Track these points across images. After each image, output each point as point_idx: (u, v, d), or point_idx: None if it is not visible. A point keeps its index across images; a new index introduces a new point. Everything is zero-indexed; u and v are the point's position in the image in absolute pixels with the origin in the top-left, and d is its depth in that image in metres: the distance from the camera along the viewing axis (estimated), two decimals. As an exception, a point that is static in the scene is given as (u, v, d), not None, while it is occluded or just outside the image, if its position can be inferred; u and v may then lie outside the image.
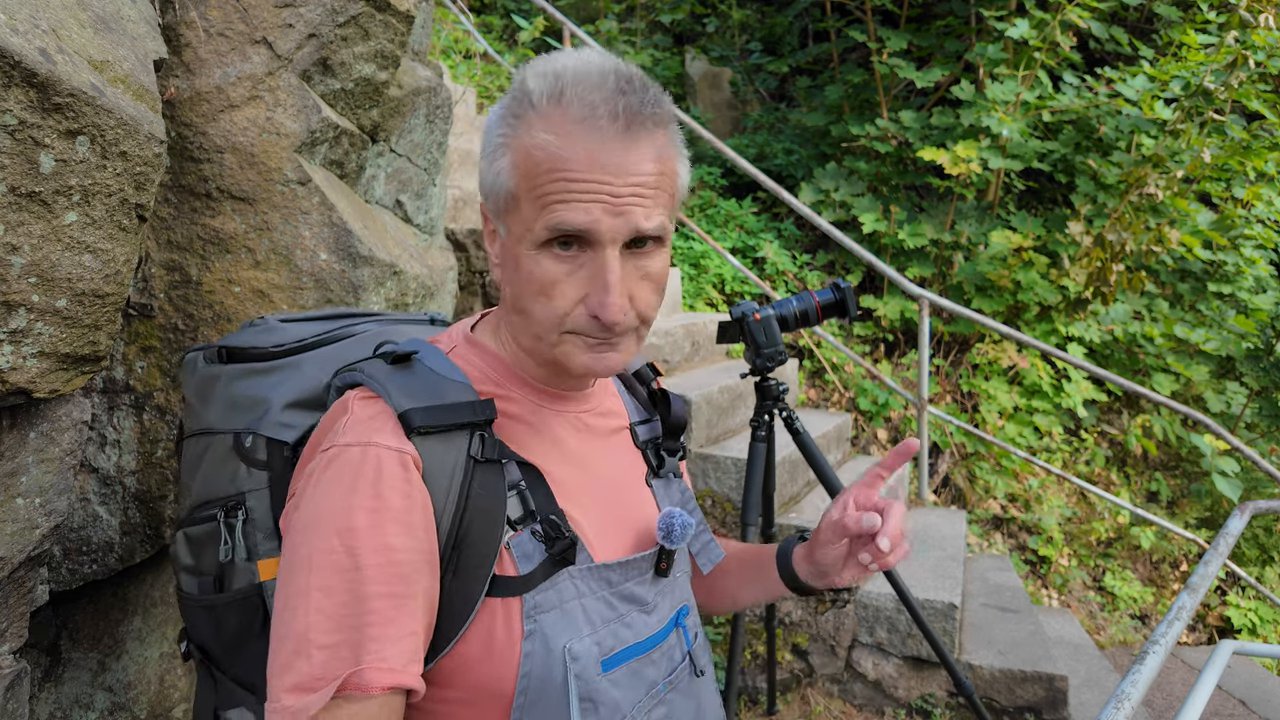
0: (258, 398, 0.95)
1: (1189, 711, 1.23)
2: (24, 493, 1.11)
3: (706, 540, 0.96)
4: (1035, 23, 4.56)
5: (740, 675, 2.75)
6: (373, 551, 0.66)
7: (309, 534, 0.68)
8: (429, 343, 0.83)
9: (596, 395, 0.88)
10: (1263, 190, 5.12)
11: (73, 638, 1.49)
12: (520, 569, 0.73)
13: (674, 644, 0.86)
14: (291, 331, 1.01)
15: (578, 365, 0.74)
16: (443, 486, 0.71)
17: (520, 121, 0.71)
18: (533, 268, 0.71)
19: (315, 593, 0.66)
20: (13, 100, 0.95)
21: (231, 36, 1.51)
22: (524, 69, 0.73)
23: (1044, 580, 4.10)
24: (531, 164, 0.70)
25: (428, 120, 2.01)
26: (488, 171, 0.75)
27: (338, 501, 0.68)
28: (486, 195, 0.76)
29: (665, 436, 0.94)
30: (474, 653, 0.72)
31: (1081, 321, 4.68)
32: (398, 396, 0.73)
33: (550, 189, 0.69)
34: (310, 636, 0.65)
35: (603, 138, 0.68)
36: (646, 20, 6.94)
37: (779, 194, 3.82)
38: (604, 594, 0.78)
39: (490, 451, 0.74)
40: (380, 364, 0.78)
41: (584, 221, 0.68)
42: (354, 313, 1.10)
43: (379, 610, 0.66)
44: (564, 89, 0.69)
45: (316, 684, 0.64)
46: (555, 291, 0.71)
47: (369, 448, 0.70)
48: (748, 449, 2.05)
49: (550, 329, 0.73)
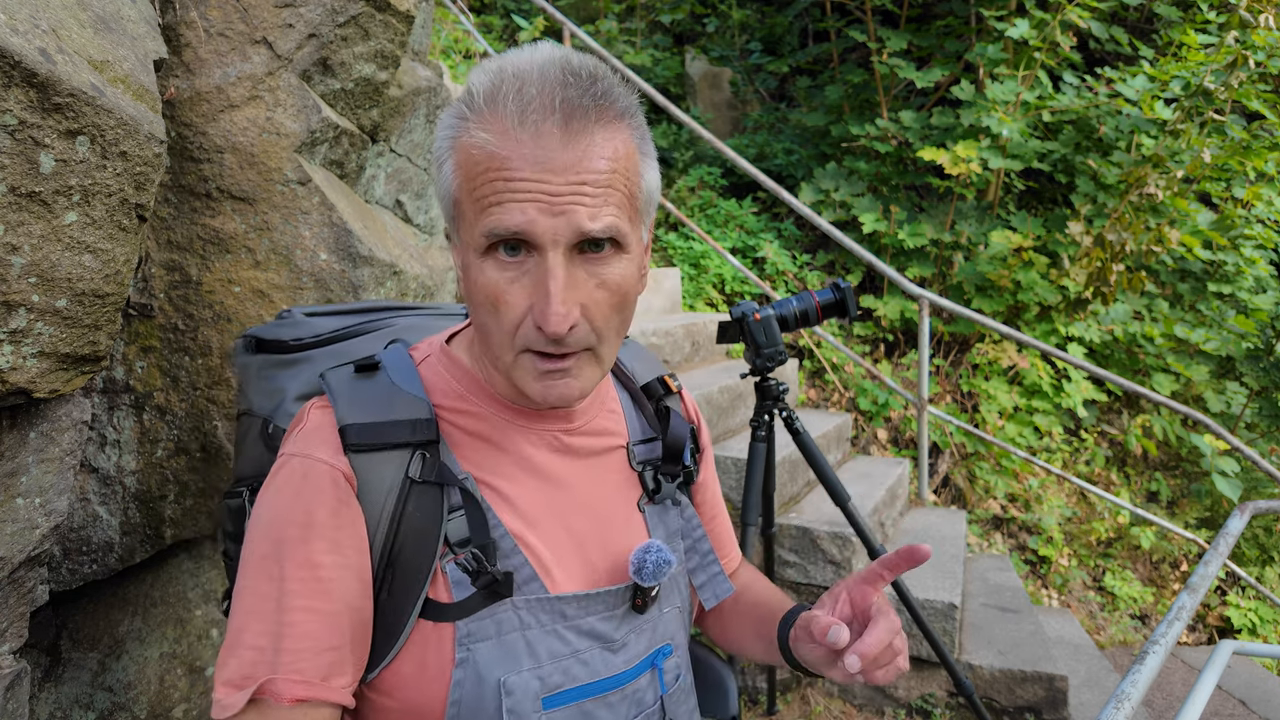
0: (277, 388, 0.99)
1: (1189, 711, 1.23)
2: (24, 493, 1.11)
3: (714, 573, 0.89)
4: (1035, 23, 4.56)
5: (740, 675, 2.75)
6: (296, 565, 0.67)
7: (252, 536, 0.70)
8: (407, 351, 0.82)
9: (586, 412, 0.82)
10: (1263, 190, 5.12)
11: (73, 638, 1.49)
12: (455, 595, 0.70)
13: (644, 687, 0.79)
14: (315, 326, 1.04)
15: (531, 392, 0.69)
16: (377, 504, 0.70)
17: (463, 123, 0.67)
18: (479, 277, 0.67)
19: (248, 595, 0.67)
20: (13, 100, 0.95)
21: (231, 36, 1.51)
22: (474, 68, 0.70)
23: (1044, 580, 4.10)
24: (470, 165, 0.66)
25: (428, 120, 2.01)
26: (437, 178, 0.71)
27: (276, 511, 0.69)
28: (440, 203, 0.73)
29: (663, 459, 0.87)
30: (407, 672, 0.71)
31: (1081, 321, 4.68)
32: (343, 409, 0.72)
33: (486, 191, 0.64)
34: (242, 636, 0.67)
35: (538, 134, 0.63)
36: (646, 20, 6.94)
37: (779, 194, 3.82)
38: (555, 627, 0.73)
39: (429, 473, 0.72)
40: (346, 372, 0.77)
41: (519, 223, 0.63)
42: (389, 305, 1.11)
43: (298, 623, 0.66)
44: (502, 84, 0.65)
45: (243, 682, 0.65)
46: (502, 302, 0.66)
47: (306, 459, 0.70)
48: (748, 449, 2.05)
49: (504, 346, 0.68)
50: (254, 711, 0.65)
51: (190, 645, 1.66)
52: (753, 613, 0.94)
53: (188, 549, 1.66)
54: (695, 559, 0.88)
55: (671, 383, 0.94)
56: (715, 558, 0.90)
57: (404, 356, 0.80)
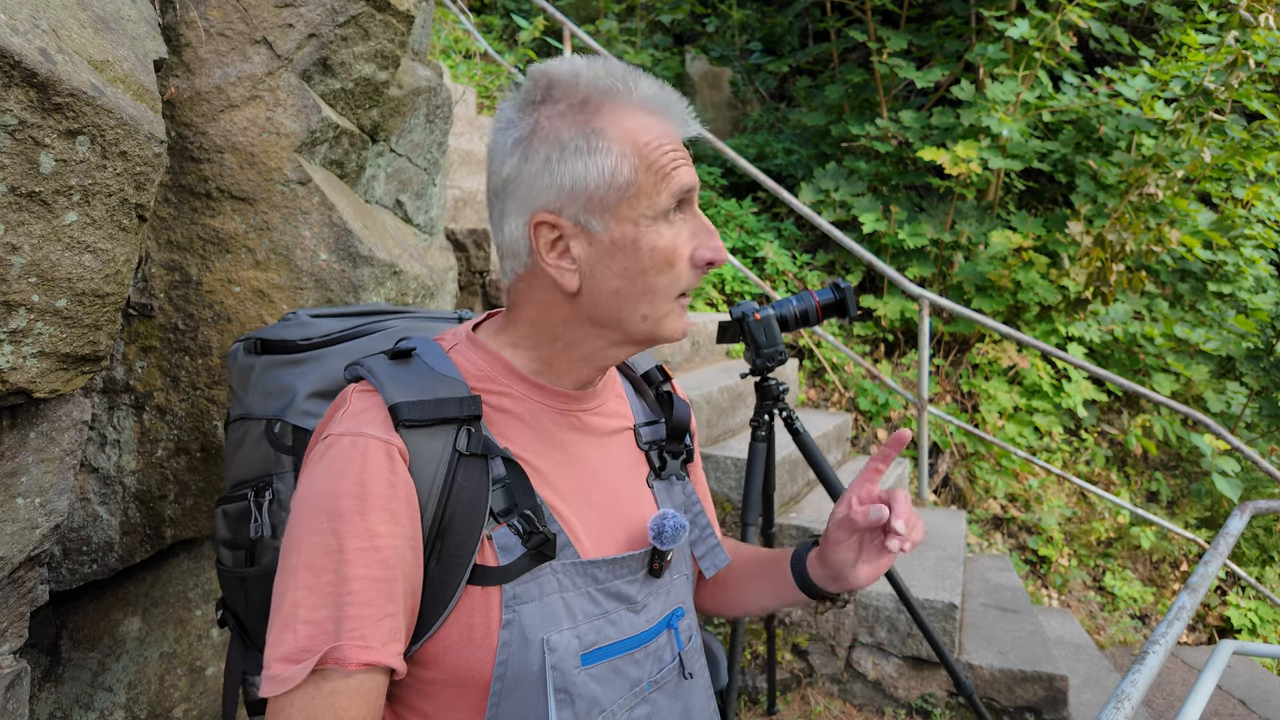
0: (285, 387, 1.02)
1: (1189, 711, 1.23)
2: (24, 493, 1.11)
3: (712, 544, 0.96)
4: (1035, 23, 4.56)
5: (740, 675, 2.75)
6: (355, 536, 0.69)
7: (302, 515, 0.72)
8: (432, 340, 0.85)
9: (600, 395, 0.89)
10: (1263, 190, 5.12)
11: (73, 638, 1.49)
12: (501, 560, 0.75)
13: (663, 644, 0.86)
14: (321, 326, 1.08)
15: (679, 330, 0.81)
16: (428, 477, 0.74)
17: (598, 114, 0.75)
18: (659, 241, 0.76)
19: (303, 571, 0.69)
20: (13, 100, 0.95)
21: (231, 36, 1.51)
22: (561, 77, 0.76)
23: (1044, 580, 4.10)
24: (640, 144, 0.75)
25: (428, 120, 2.01)
26: (587, 169, 0.74)
27: (328, 487, 0.71)
28: (572, 195, 0.75)
29: (668, 439, 0.95)
30: (454, 638, 0.74)
31: (1081, 321, 4.68)
32: (390, 390, 0.76)
33: (664, 160, 0.75)
34: (297, 612, 0.68)
35: (673, 111, 0.78)
36: (646, 20, 6.94)
37: (779, 194, 3.82)
38: (589, 590, 0.79)
39: (475, 446, 0.76)
40: (382, 359, 0.81)
41: (693, 179, 0.78)
42: (386, 309, 1.15)
43: (359, 591, 0.69)
44: (617, 78, 0.76)
45: (302, 655, 0.67)
46: (676, 255, 0.77)
47: (359, 438, 0.73)
48: (748, 449, 2.05)
49: (668, 298, 0.79)
50: (310, 684, 0.67)
51: (190, 645, 1.65)
52: (752, 564, 1.03)
53: (188, 549, 1.66)
54: (695, 532, 0.97)
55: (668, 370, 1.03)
56: (713, 531, 0.98)
57: (434, 345, 0.84)
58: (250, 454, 1.02)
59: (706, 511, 1.04)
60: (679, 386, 1.05)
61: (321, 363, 1.03)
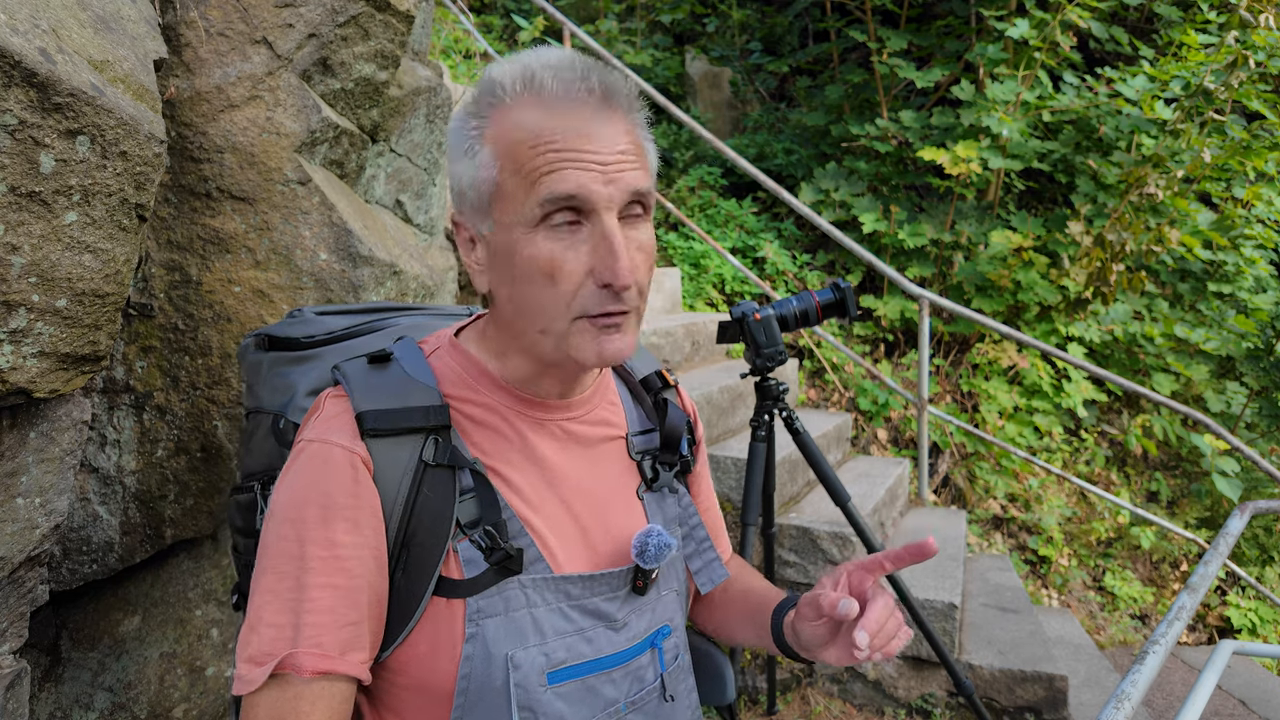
0: (288, 384, 1.02)
1: (1189, 711, 1.23)
2: (24, 493, 1.11)
3: (710, 559, 0.92)
4: (1035, 23, 4.56)
5: (740, 675, 2.75)
6: (317, 544, 0.70)
7: (271, 520, 0.72)
8: (416, 344, 0.85)
9: (588, 403, 0.86)
10: (1263, 190, 5.12)
11: (73, 638, 1.49)
12: (465, 573, 0.74)
13: (645, 664, 0.83)
14: (325, 324, 1.08)
15: (589, 356, 0.73)
16: (392, 487, 0.73)
17: (493, 111, 0.72)
18: (532, 251, 0.70)
19: (269, 575, 0.70)
20: (13, 100, 0.95)
21: (231, 36, 1.51)
22: (487, 70, 0.74)
23: (1044, 580, 4.10)
24: (513, 145, 0.70)
25: (428, 120, 2.01)
26: (464, 171, 0.74)
27: (296, 494, 0.72)
28: (463, 196, 0.75)
29: (661, 449, 0.91)
30: (419, 648, 0.74)
31: (1081, 321, 4.68)
32: (359, 397, 0.76)
33: (537, 163, 0.69)
34: (262, 615, 0.69)
35: (582, 110, 0.70)
36: (646, 20, 6.93)
37: (779, 194, 3.82)
38: (560, 606, 0.77)
39: (442, 456, 0.75)
40: (360, 363, 0.80)
41: (575, 187, 0.68)
42: (394, 306, 1.14)
43: (318, 599, 0.69)
44: (535, 73, 0.71)
45: (263, 659, 0.68)
46: (559, 271, 0.70)
47: (325, 444, 0.73)
48: (748, 449, 2.05)
49: (558, 316, 0.72)
50: (275, 686, 0.68)
51: (190, 645, 1.65)
52: (743, 599, 0.98)
53: (188, 549, 1.66)
54: (691, 545, 0.93)
55: (669, 376, 0.98)
56: (711, 545, 0.94)
57: (414, 349, 0.83)
58: (259, 447, 1.03)
59: (708, 523, 1.00)
60: (685, 393, 1.01)
61: (322, 361, 1.03)
